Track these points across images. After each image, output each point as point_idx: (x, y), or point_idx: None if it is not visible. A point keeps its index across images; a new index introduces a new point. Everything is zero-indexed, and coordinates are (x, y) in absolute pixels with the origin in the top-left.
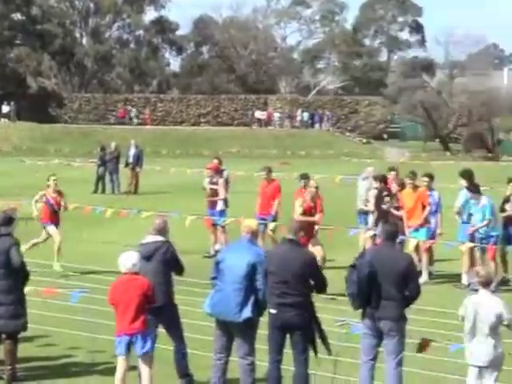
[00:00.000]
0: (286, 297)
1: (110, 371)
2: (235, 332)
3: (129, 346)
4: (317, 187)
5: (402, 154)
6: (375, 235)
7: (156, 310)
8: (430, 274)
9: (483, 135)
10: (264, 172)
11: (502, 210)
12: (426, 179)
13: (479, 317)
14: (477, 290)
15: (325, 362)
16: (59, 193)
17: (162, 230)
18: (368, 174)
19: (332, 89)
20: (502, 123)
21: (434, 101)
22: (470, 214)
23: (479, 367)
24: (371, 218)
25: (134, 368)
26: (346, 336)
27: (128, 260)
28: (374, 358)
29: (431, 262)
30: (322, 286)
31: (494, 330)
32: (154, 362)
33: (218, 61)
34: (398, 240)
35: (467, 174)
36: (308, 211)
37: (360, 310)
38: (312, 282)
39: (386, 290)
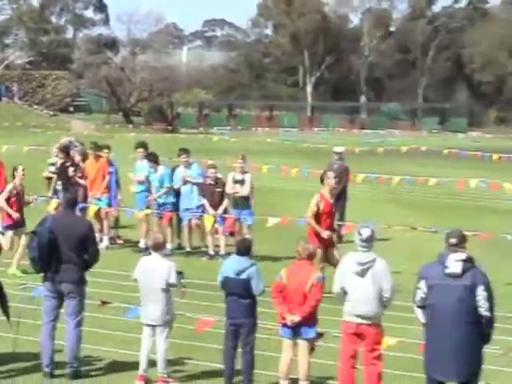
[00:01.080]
0: None
1: None
2: None
3: None
4: (335, 177)
5: (87, 126)
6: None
7: None
8: (111, 239)
9: (163, 109)
10: None
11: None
12: (107, 151)
13: (149, 279)
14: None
15: (7, 323)
16: (22, 185)
17: None
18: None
19: (20, 63)
20: (181, 98)
21: (117, 76)
22: (149, 183)
23: (152, 326)
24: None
25: None
26: (28, 298)
27: None
28: (56, 319)
29: (112, 227)
30: None
31: (164, 291)
32: None
33: None
34: (79, 207)
35: (143, 145)
36: (328, 211)
37: (42, 274)
38: None
39: (66, 254)
